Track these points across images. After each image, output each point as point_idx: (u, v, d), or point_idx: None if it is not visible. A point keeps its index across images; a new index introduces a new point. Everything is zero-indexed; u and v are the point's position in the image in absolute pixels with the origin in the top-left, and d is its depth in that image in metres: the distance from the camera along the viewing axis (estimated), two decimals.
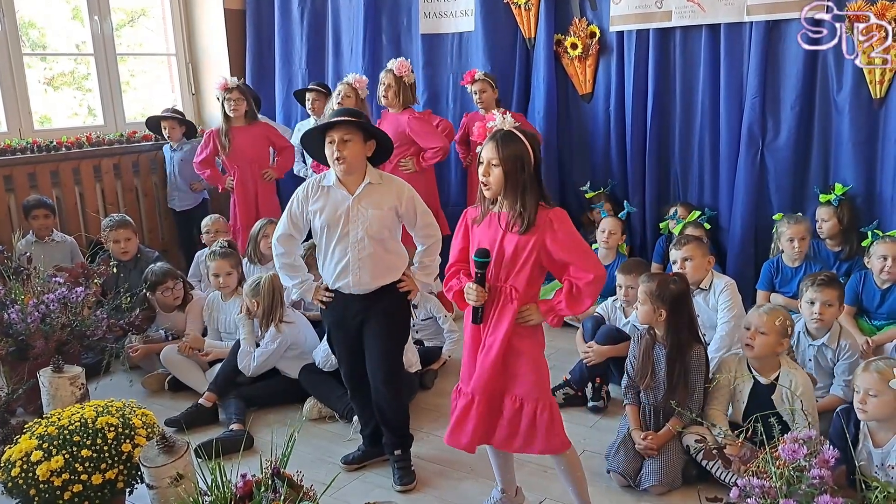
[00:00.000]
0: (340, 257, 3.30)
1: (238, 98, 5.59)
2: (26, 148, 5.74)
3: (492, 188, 2.72)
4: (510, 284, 2.76)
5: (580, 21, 5.65)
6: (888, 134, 4.74)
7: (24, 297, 4.00)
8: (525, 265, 2.73)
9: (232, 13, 6.89)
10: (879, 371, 2.84)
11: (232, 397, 4.12)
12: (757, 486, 2.21)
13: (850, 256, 4.79)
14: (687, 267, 4.08)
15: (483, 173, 2.71)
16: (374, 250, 3.26)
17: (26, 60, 6.00)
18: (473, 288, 2.78)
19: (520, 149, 2.68)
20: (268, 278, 4.18)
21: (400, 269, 3.37)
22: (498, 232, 2.76)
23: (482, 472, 3.42)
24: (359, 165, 3.25)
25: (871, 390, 2.84)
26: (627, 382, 3.57)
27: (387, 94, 5.36)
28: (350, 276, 3.29)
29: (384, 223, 3.26)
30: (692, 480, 3.28)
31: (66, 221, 5.91)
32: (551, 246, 2.70)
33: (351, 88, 5.34)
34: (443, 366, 4.62)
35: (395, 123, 5.37)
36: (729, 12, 5.04)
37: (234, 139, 5.62)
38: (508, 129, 2.71)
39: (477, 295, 2.77)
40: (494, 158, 2.68)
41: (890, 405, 2.83)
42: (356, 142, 3.19)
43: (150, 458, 2.69)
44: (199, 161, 5.74)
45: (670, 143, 5.59)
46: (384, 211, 3.25)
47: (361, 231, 3.24)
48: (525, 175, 2.68)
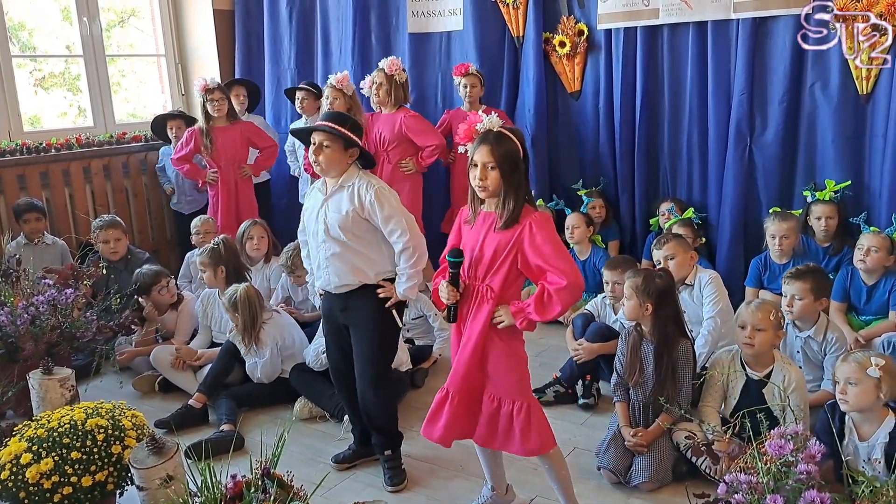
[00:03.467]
0: (314, 256, 3.42)
1: (220, 98, 5.65)
2: (15, 150, 5.72)
3: (489, 190, 2.71)
4: (486, 284, 2.80)
5: (568, 19, 5.65)
6: (875, 129, 4.76)
7: (14, 299, 3.99)
8: (502, 265, 2.75)
9: (221, 13, 6.88)
10: (857, 361, 2.88)
11: (223, 397, 4.12)
12: (744, 482, 2.22)
13: (838, 251, 4.80)
14: (670, 265, 4.09)
15: (480, 177, 2.70)
16: (338, 251, 3.30)
17: (16, 62, 5.98)
18: (445, 287, 2.84)
19: (512, 148, 2.70)
20: (243, 292, 4.17)
21: (370, 273, 3.32)
22: (481, 231, 2.80)
23: (472, 470, 3.43)
24: (335, 169, 3.27)
25: (851, 379, 2.87)
26: (616, 380, 3.58)
27: (378, 92, 5.37)
28: (322, 276, 3.39)
29: (345, 226, 3.26)
30: (682, 477, 3.30)
31: (55, 223, 5.90)
32: (528, 249, 2.70)
33: (336, 90, 5.36)
34: (433, 364, 4.63)
35: (391, 123, 5.38)
36: (716, 9, 5.05)
37: (216, 139, 5.68)
38: (498, 129, 2.72)
39: (448, 294, 2.83)
40: (490, 161, 2.68)
41: (870, 394, 2.86)
42: (334, 148, 3.21)
43: (140, 460, 2.69)
44: (177, 158, 5.80)
45: (659, 140, 5.60)
46: (342, 214, 3.25)
47: (323, 232, 3.30)
48: (518, 174, 2.71)
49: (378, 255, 3.34)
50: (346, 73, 5.49)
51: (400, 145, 5.46)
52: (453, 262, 2.80)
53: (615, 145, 5.71)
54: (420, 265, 3.32)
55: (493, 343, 2.83)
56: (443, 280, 2.87)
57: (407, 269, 3.30)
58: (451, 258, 2.80)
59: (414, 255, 3.29)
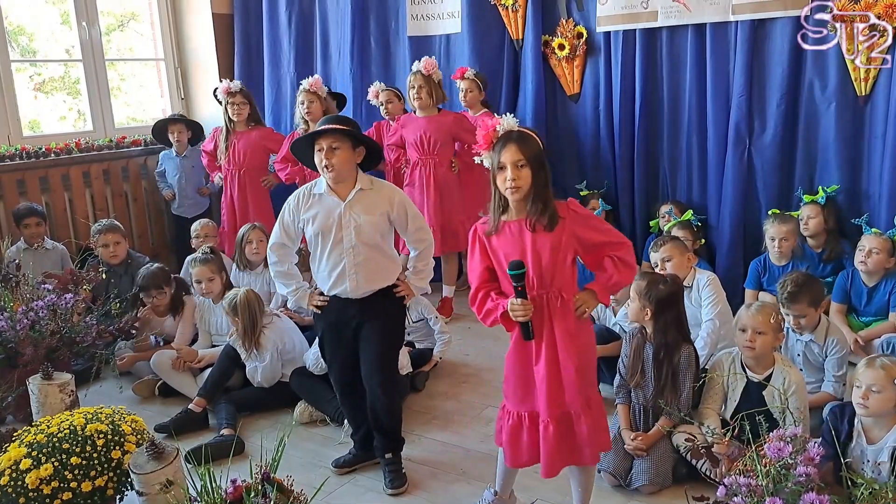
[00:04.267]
0: (336, 263, 3.31)
1: (241, 102, 5.72)
2: (15, 154, 5.73)
3: (522, 188, 2.62)
4: (556, 289, 2.68)
5: (567, 22, 5.66)
6: (874, 131, 4.76)
7: (14, 304, 3.99)
8: (564, 263, 2.67)
9: (220, 17, 6.88)
10: (885, 367, 2.81)
11: (222, 402, 4.12)
12: (743, 485, 2.22)
13: (831, 258, 4.80)
14: (668, 268, 4.09)
15: (512, 176, 2.59)
16: (369, 255, 3.28)
17: (15, 66, 5.99)
18: (519, 303, 2.63)
19: (537, 146, 2.67)
20: (242, 296, 4.17)
21: (394, 274, 3.39)
22: (525, 238, 2.66)
23: (474, 474, 3.44)
24: (348, 172, 3.26)
25: (875, 386, 2.80)
26: (620, 381, 3.58)
27: (420, 95, 5.34)
28: (347, 282, 3.30)
29: (376, 228, 3.27)
30: (682, 479, 3.29)
31: (55, 228, 5.90)
32: (584, 233, 2.67)
33: (311, 94, 5.40)
34: (434, 368, 4.61)
35: (438, 125, 5.38)
36: (714, 12, 5.06)
37: (234, 142, 5.79)
38: (519, 129, 2.69)
39: (524, 309, 2.63)
40: (520, 159, 2.60)
41: (891, 401, 2.82)
42: (344, 150, 3.20)
43: (140, 465, 2.69)
44: (205, 149, 6.08)
45: (658, 142, 5.61)
46: (376, 217, 3.26)
47: (354, 237, 3.26)
48: (545, 171, 2.66)
49: (395, 256, 3.44)
50: (318, 77, 5.59)
51: (446, 146, 5.44)
52: (517, 274, 2.60)
53: (615, 147, 5.71)
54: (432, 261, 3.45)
55: (589, 350, 2.78)
56: (511, 299, 2.65)
57: (425, 267, 3.44)
58: (514, 271, 2.60)
59: (431, 252, 3.43)
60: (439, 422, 4.05)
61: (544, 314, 2.69)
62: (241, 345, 4.20)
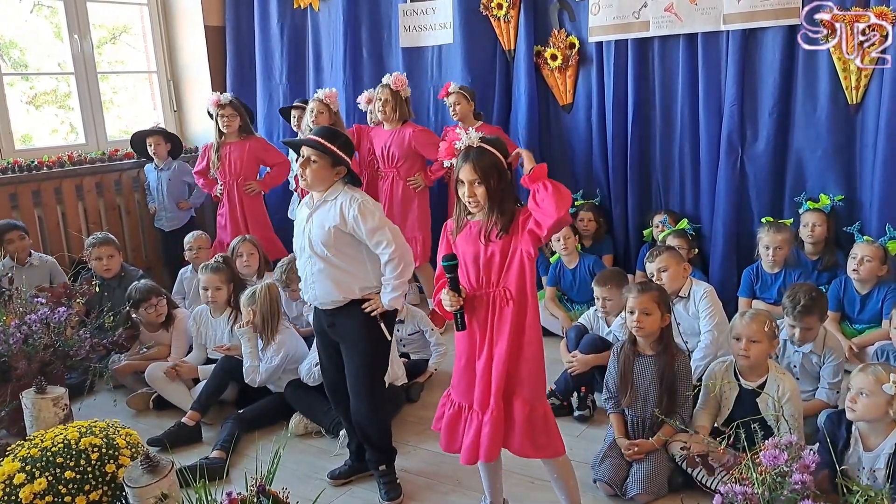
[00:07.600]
0: (302, 270, 3.40)
1: (231, 114, 5.72)
2: (7, 168, 5.71)
3: (479, 204, 2.77)
4: (502, 287, 2.78)
5: (559, 32, 5.68)
6: (865, 139, 4.78)
7: (7, 318, 3.98)
8: (512, 263, 2.76)
9: (212, 30, 6.89)
10: (876, 374, 2.85)
11: (231, 420, 4.04)
12: (739, 493, 2.22)
13: (827, 267, 4.81)
14: (663, 278, 4.11)
15: (468, 194, 2.76)
16: (322, 267, 3.28)
17: (7, 80, 5.98)
18: (447, 294, 2.81)
19: (493, 160, 2.75)
20: (264, 287, 4.20)
21: (355, 288, 3.29)
22: (479, 239, 2.80)
23: (469, 484, 3.43)
24: (321, 184, 3.26)
25: (864, 390, 2.85)
26: (607, 395, 3.59)
27: (385, 109, 5.39)
28: (309, 291, 3.37)
29: (327, 242, 3.24)
30: (679, 488, 3.29)
31: (48, 241, 5.89)
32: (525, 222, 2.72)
33: (323, 104, 5.41)
34: (429, 379, 4.61)
35: (399, 138, 5.40)
36: (706, 22, 5.08)
37: (225, 155, 5.77)
38: (477, 144, 2.76)
39: (451, 300, 2.80)
40: (475, 179, 2.73)
41: (879, 408, 2.84)
42: (321, 164, 3.20)
43: (134, 479, 2.67)
44: (196, 171, 6.02)
45: (651, 152, 5.62)
46: (324, 230, 3.23)
47: (308, 248, 3.30)
48: (503, 183, 2.75)
49: (362, 271, 3.30)
50: (335, 91, 5.55)
51: (408, 161, 5.47)
52: (449, 265, 2.80)
53: (608, 157, 5.72)
54: (406, 276, 3.29)
55: (531, 345, 2.80)
56: (444, 289, 2.84)
57: (392, 279, 3.27)
58: (446, 263, 2.80)
59: (399, 265, 3.25)
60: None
61: (489, 311, 2.81)
62: (253, 335, 4.18)
